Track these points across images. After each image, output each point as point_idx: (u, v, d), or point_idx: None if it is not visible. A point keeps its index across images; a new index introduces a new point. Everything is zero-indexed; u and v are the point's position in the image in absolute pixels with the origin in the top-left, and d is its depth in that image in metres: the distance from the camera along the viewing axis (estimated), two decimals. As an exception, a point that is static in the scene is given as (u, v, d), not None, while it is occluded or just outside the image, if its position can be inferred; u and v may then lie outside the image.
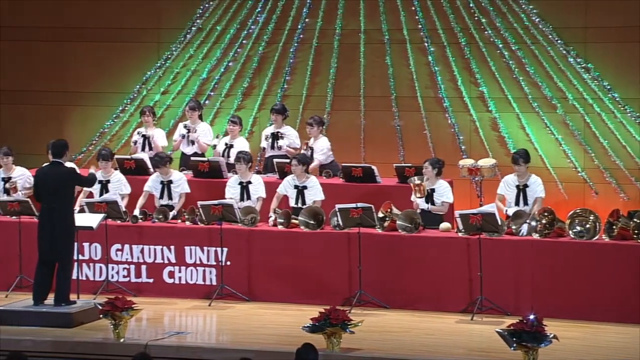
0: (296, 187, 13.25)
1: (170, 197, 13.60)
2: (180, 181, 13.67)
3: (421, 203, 12.87)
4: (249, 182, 13.49)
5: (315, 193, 13.19)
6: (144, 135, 15.01)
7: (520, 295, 12.08)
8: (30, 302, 12.02)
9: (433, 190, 12.92)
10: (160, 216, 13.22)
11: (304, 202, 13.14)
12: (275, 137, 14.62)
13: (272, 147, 14.65)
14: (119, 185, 13.75)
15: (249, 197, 13.39)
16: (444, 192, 12.92)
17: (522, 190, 12.81)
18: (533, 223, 12.30)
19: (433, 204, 12.88)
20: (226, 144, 14.73)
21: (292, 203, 13.23)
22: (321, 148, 14.42)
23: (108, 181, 13.78)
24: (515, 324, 10.23)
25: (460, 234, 12.34)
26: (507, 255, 12.18)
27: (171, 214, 13.28)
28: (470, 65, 15.28)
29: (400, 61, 15.50)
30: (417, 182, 12.91)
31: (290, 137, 14.65)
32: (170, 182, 13.64)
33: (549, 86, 15.03)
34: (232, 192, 13.45)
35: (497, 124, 15.25)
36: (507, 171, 13.39)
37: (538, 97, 15.07)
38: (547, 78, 15.03)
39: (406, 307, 12.35)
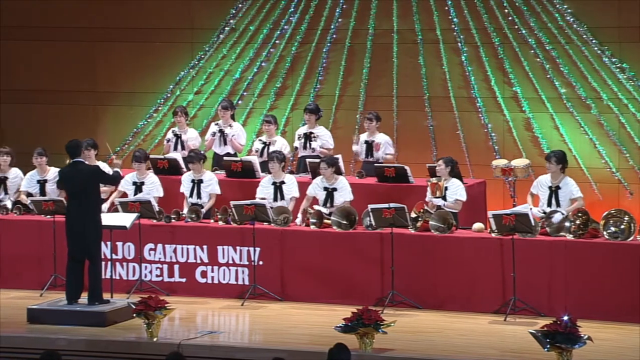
0: (325, 189, 13.25)
1: (199, 196, 13.62)
2: (211, 181, 13.68)
3: (437, 200, 12.85)
4: (282, 182, 13.49)
5: (344, 195, 13.17)
6: (176, 135, 15.05)
7: (554, 296, 12.02)
8: (64, 300, 12.08)
9: (446, 188, 12.89)
10: (193, 215, 13.25)
11: (332, 204, 13.13)
12: (308, 137, 14.62)
13: (305, 148, 14.64)
14: (153, 187, 13.78)
15: (282, 197, 13.39)
16: (457, 189, 12.89)
17: (554, 191, 12.74)
18: (567, 224, 12.24)
19: (445, 201, 12.86)
20: (264, 143, 14.72)
21: (321, 204, 13.21)
22: (386, 142, 14.39)
23: (142, 183, 13.81)
24: (549, 325, 10.17)
25: (493, 235, 12.29)
26: (540, 255, 12.11)
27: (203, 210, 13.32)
28: (504, 65, 15.23)
29: (434, 61, 15.47)
30: (434, 181, 12.90)
31: (324, 138, 14.64)
32: (201, 181, 13.67)
33: (584, 86, 14.95)
34: (265, 192, 13.45)
35: (531, 124, 15.19)
36: (541, 171, 13.32)
37: (572, 97, 15.00)
38: (582, 78, 14.95)
39: (439, 307, 12.32)
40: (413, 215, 12.64)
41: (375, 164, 14.22)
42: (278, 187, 13.44)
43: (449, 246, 12.41)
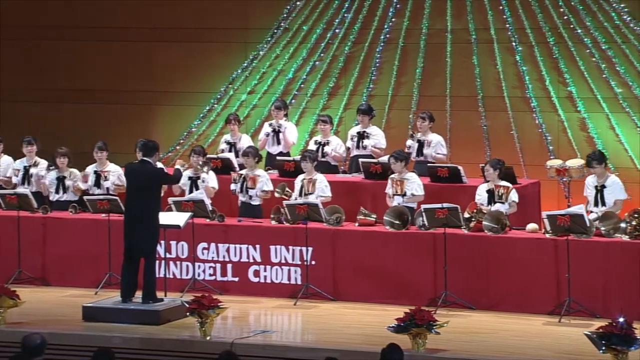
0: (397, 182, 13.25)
1: (247, 192, 13.65)
2: (263, 179, 13.67)
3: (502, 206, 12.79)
4: (310, 180, 13.49)
5: (413, 188, 13.13)
6: (229, 143, 15.07)
7: (609, 297, 11.90)
8: (119, 299, 12.18)
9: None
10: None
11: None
12: (361, 136, 14.58)
13: (358, 147, 14.61)
14: (208, 179, 13.80)
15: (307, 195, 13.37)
16: (511, 194, 12.80)
17: (599, 191, 12.62)
18: (622, 225, 12.11)
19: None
20: (319, 143, 14.72)
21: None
22: (439, 142, 14.35)
23: (198, 177, 13.87)
24: (604, 327, 10.09)
25: (547, 235, 12.20)
26: (595, 256, 12.00)
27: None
28: (559, 64, 15.11)
29: (487, 61, 15.39)
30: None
31: (376, 138, 14.59)
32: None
33: (640, 86, 14.82)
34: (297, 189, 13.45)
35: (586, 124, 15.07)
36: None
37: (628, 97, 14.85)
38: (638, 78, 14.80)
39: (492, 308, 12.25)
40: (466, 215, 12.58)
41: (429, 164, 14.17)
42: (303, 186, 13.45)
43: (503, 247, 12.33)
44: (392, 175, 13.26)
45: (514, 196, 12.84)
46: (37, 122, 16.73)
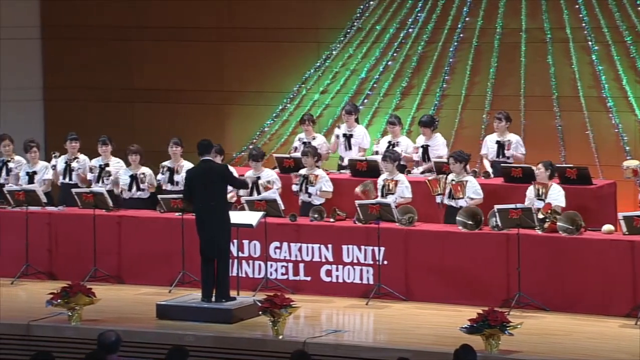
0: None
1: (307, 192, 13.66)
2: (322, 179, 13.66)
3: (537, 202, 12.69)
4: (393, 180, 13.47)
5: (468, 191, 13.06)
6: (304, 143, 15.08)
7: (687, 300, 11.73)
8: (192, 297, 12.27)
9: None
10: (316, 215, 13.30)
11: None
12: (425, 150, 14.44)
13: (424, 160, 14.43)
14: (271, 179, 13.84)
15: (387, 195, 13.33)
16: (557, 195, 12.76)
17: None
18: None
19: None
20: (390, 143, 14.68)
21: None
22: (518, 142, 14.25)
23: (259, 178, 13.87)
24: (681, 330, 9.93)
25: (624, 236, 12.03)
26: (673, 258, 11.84)
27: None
28: (636, 64, 14.91)
29: (563, 60, 15.24)
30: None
31: (436, 148, 14.39)
32: (308, 177, 13.70)
33: None
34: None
35: (664, 125, 14.87)
36: (673, 173, 13.02)
37: None
38: None
39: (567, 309, 12.13)
40: (540, 216, 12.47)
41: (502, 164, 14.07)
42: (385, 186, 13.43)
43: (578, 248, 12.21)
44: (449, 180, 13.18)
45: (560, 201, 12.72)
46: (109, 121, 16.90)
